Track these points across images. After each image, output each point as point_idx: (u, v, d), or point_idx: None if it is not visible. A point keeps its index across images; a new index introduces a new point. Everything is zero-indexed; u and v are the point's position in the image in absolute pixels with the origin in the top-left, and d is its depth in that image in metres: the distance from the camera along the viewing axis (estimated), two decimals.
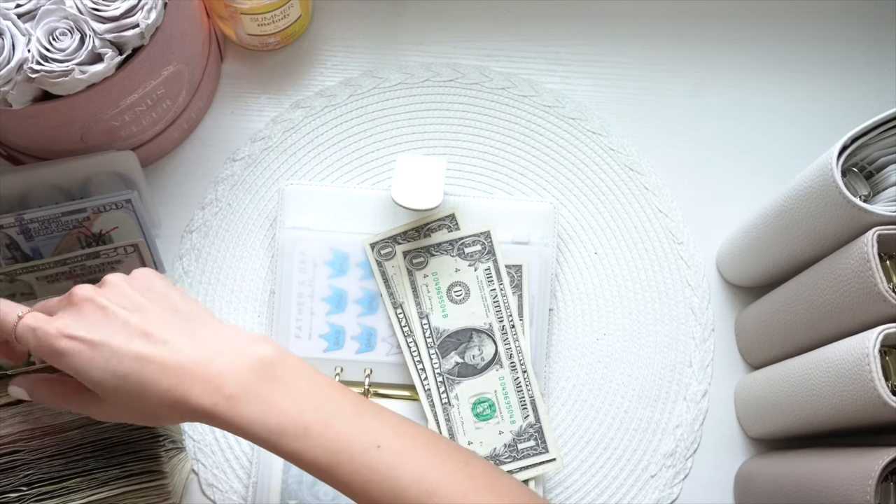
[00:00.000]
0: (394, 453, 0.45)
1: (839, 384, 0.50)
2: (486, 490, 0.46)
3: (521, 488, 0.48)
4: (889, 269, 0.49)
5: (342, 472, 0.45)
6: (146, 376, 0.45)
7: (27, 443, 0.54)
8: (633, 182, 0.69)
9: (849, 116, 0.70)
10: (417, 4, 0.72)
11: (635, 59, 0.72)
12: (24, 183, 0.61)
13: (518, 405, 0.62)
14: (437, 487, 0.45)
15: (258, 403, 0.45)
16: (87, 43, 0.53)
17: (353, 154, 0.69)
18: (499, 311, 0.63)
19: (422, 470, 0.45)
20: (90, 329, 0.46)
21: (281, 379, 0.46)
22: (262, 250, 0.67)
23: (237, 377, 0.46)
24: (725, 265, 0.67)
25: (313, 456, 0.45)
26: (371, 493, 0.45)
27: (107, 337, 0.46)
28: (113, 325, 0.46)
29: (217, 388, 0.45)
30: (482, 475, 0.47)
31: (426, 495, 0.44)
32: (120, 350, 0.45)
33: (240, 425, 0.45)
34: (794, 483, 0.55)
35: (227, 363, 0.46)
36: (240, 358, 0.46)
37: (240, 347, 0.47)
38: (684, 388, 0.66)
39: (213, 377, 0.45)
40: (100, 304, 0.47)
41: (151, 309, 0.48)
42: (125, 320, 0.46)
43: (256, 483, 0.61)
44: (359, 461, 0.45)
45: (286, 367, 0.47)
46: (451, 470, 0.46)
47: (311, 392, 0.47)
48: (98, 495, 0.55)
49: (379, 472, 0.45)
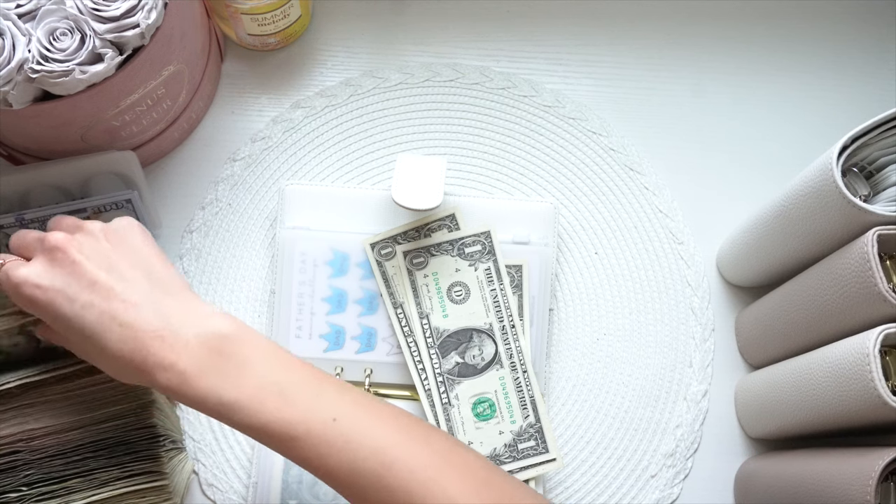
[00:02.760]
0: (351, 426, 0.45)
1: (839, 384, 0.50)
2: (445, 463, 0.46)
3: (481, 461, 0.48)
4: (889, 269, 0.49)
5: (298, 445, 0.45)
6: (108, 339, 0.46)
7: (27, 443, 0.54)
8: (633, 182, 0.69)
9: (849, 116, 0.70)
10: (417, 4, 0.72)
11: (635, 59, 0.72)
12: (24, 183, 0.61)
13: (518, 405, 0.63)
14: (394, 460, 0.45)
15: (213, 377, 0.46)
16: (87, 43, 0.53)
17: (353, 154, 0.69)
18: (499, 311, 0.64)
19: (380, 443, 0.45)
20: (58, 281, 0.47)
21: (238, 354, 0.47)
22: (262, 250, 0.67)
23: (192, 353, 0.46)
24: (725, 265, 0.67)
25: (269, 429, 0.45)
26: (328, 465, 0.45)
27: (74, 293, 0.46)
28: (81, 281, 0.47)
29: (172, 364, 0.46)
30: (441, 448, 0.47)
31: (383, 468, 0.44)
32: (81, 311, 0.46)
33: (195, 399, 0.46)
34: (794, 483, 0.55)
35: (184, 339, 0.46)
36: (197, 332, 0.47)
37: (199, 322, 0.47)
38: (684, 388, 0.66)
39: (169, 352, 0.46)
40: (71, 256, 0.47)
41: (123, 269, 0.48)
42: (94, 278, 0.47)
43: (256, 483, 0.61)
44: (315, 434, 0.45)
45: (244, 342, 0.47)
46: (410, 443, 0.46)
47: (268, 366, 0.47)
48: (98, 495, 0.55)
49: (335, 444, 0.45)
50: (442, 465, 0.45)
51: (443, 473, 0.45)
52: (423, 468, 0.45)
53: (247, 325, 0.48)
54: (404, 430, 0.47)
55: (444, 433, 0.49)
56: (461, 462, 0.46)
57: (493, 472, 0.47)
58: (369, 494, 0.45)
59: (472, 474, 0.46)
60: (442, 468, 0.45)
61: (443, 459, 0.46)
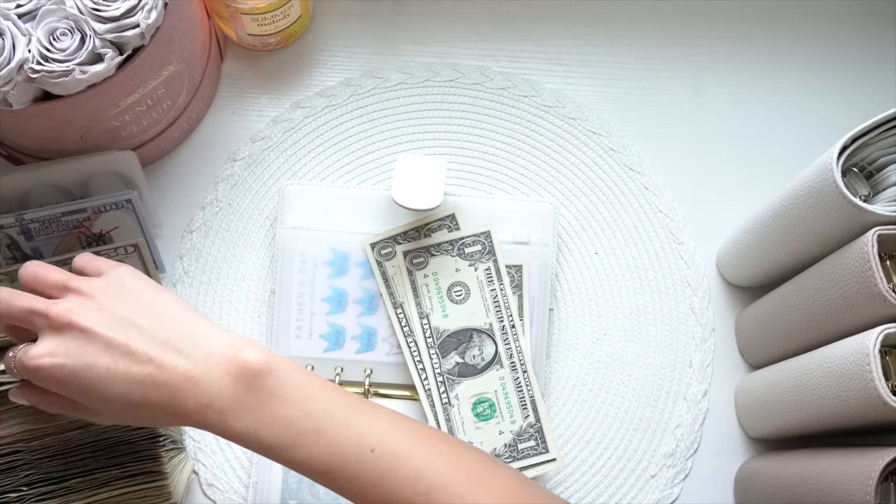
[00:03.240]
0: (387, 456, 0.46)
1: (839, 384, 0.50)
2: (482, 486, 0.46)
3: (517, 479, 0.48)
4: (889, 269, 0.49)
5: (337, 477, 0.45)
6: (136, 398, 0.46)
7: (28, 443, 0.54)
8: (633, 182, 0.69)
9: (849, 116, 0.70)
10: (417, 4, 0.72)
11: (635, 59, 0.72)
12: (24, 183, 0.61)
13: (518, 405, 0.63)
14: (431, 488, 0.45)
15: (248, 416, 0.46)
16: (87, 43, 0.53)
17: (353, 154, 0.69)
18: (499, 311, 0.64)
19: (416, 471, 0.45)
20: (73, 354, 0.46)
21: (270, 388, 0.46)
22: (262, 250, 0.67)
23: (226, 391, 0.46)
24: (725, 265, 0.67)
25: (308, 464, 0.46)
26: (368, 495, 0.45)
27: (90, 361, 0.46)
28: (97, 346, 0.46)
29: (207, 405, 0.45)
30: (478, 470, 0.47)
31: (421, 497, 0.45)
32: (107, 374, 0.46)
33: (233, 437, 0.46)
34: (794, 483, 0.55)
35: (216, 377, 0.46)
36: (228, 369, 0.46)
37: (227, 355, 0.46)
38: (684, 388, 0.66)
39: (203, 393, 0.45)
40: (80, 326, 0.46)
41: (133, 321, 0.47)
42: (108, 341, 0.46)
43: (256, 483, 0.61)
44: (352, 466, 0.45)
45: (275, 374, 0.47)
46: (445, 468, 0.46)
47: (301, 399, 0.46)
48: (98, 495, 0.55)
49: (373, 475, 0.45)
50: (477, 487, 0.46)
51: (479, 497, 0.45)
52: (458, 493, 0.45)
53: (274, 354, 0.48)
54: (438, 453, 0.47)
55: (477, 451, 0.49)
56: (496, 482, 0.47)
57: (528, 488, 0.48)
58: None
59: (508, 494, 0.46)
60: (477, 491, 0.45)
61: (477, 481, 0.46)
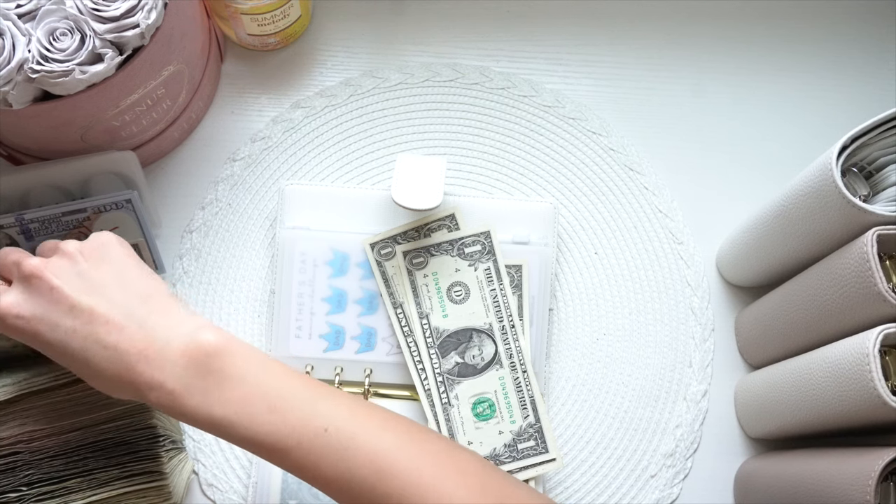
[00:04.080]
0: (344, 435, 0.45)
1: (839, 384, 0.50)
2: (442, 466, 0.45)
3: (479, 462, 0.48)
4: (889, 269, 0.49)
5: (291, 457, 0.45)
6: (95, 362, 0.46)
7: (27, 444, 0.54)
8: (633, 182, 0.69)
9: (849, 116, 0.70)
10: (417, 4, 0.72)
11: (635, 59, 0.72)
12: (24, 183, 0.61)
13: (518, 405, 0.62)
14: (389, 466, 0.45)
15: (201, 396, 0.45)
16: (87, 43, 0.53)
17: (353, 154, 0.69)
18: (499, 311, 0.64)
19: (374, 450, 0.45)
20: (38, 309, 0.46)
21: (225, 369, 0.46)
22: (262, 250, 0.67)
23: (178, 371, 0.46)
24: (725, 265, 0.67)
25: (260, 441, 0.45)
26: (324, 475, 0.45)
27: (55, 319, 0.46)
28: (61, 307, 0.46)
29: (160, 384, 0.46)
30: (437, 451, 0.46)
31: (378, 475, 0.44)
32: (66, 338, 0.46)
33: (187, 417, 0.46)
34: (794, 483, 0.55)
35: (170, 357, 0.46)
36: (183, 349, 0.46)
37: (185, 336, 0.47)
38: (684, 388, 0.66)
39: (156, 372, 0.46)
40: (49, 283, 0.47)
41: (103, 288, 0.47)
42: (73, 302, 0.46)
43: (256, 483, 0.61)
44: (306, 445, 0.45)
45: (231, 355, 0.47)
46: (404, 448, 0.46)
47: (256, 379, 0.46)
48: (98, 495, 0.55)
49: (329, 455, 0.45)
50: (438, 468, 0.45)
51: (439, 477, 0.45)
52: (418, 473, 0.45)
53: (234, 337, 0.48)
54: (399, 435, 0.46)
55: (439, 435, 0.49)
56: (458, 464, 0.46)
57: (491, 472, 0.47)
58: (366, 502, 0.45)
59: (469, 476, 0.46)
60: (438, 472, 0.45)
61: (439, 462, 0.46)
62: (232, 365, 0.46)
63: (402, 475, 0.44)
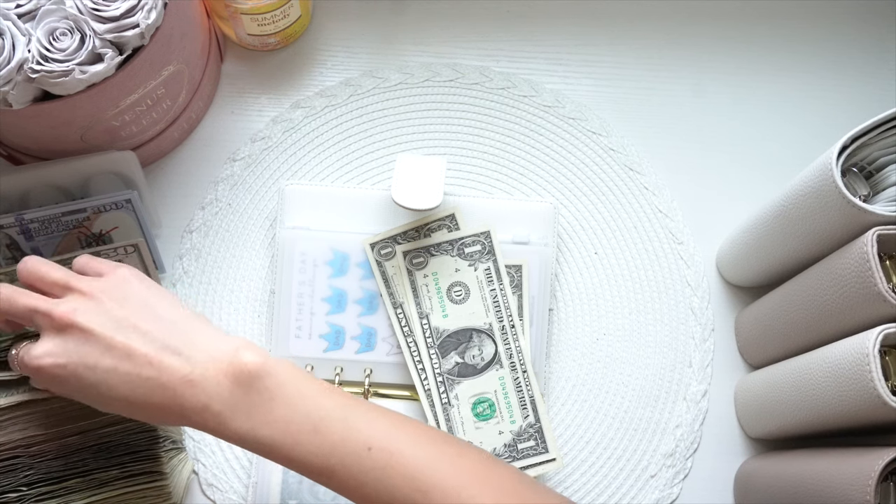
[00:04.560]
0: (385, 454, 0.46)
1: (839, 384, 0.50)
2: (480, 483, 0.46)
3: (517, 477, 0.48)
4: (889, 269, 0.49)
5: (335, 476, 0.46)
6: (137, 394, 0.46)
7: (27, 448, 0.54)
8: (633, 182, 0.69)
9: (849, 116, 0.70)
10: (417, 4, 0.72)
11: (635, 59, 0.72)
12: (24, 183, 0.61)
13: (518, 405, 0.62)
14: (430, 486, 0.45)
15: (246, 418, 0.46)
16: (87, 43, 0.53)
17: (353, 154, 0.69)
18: (499, 311, 0.64)
19: (414, 469, 0.45)
20: (75, 355, 0.47)
21: (267, 389, 0.47)
22: (262, 250, 0.67)
23: (223, 393, 0.46)
24: (725, 265, 0.67)
25: (306, 462, 0.46)
26: (366, 494, 0.46)
27: (91, 363, 0.46)
28: (98, 348, 0.47)
29: (205, 407, 0.46)
30: (476, 467, 0.47)
31: (420, 494, 0.45)
32: (106, 377, 0.46)
33: (233, 439, 0.46)
34: (794, 483, 0.55)
35: (213, 380, 0.46)
36: (225, 371, 0.47)
37: (225, 358, 0.47)
38: (684, 388, 0.66)
39: (201, 395, 0.46)
40: (82, 327, 0.47)
41: (134, 324, 0.48)
42: (109, 343, 0.47)
43: (256, 483, 0.61)
44: (350, 465, 0.45)
45: (272, 376, 0.47)
46: (443, 466, 0.46)
47: (298, 399, 0.47)
48: (98, 496, 0.55)
49: (371, 474, 0.45)
50: (476, 485, 0.46)
51: (477, 496, 0.45)
52: (457, 492, 0.45)
53: (269, 354, 0.48)
54: (436, 451, 0.47)
55: (477, 450, 0.49)
56: (496, 480, 0.47)
57: (529, 487, 0.48)
58: None
59: (507, 492, 0.46)
60: (476, 489, 0.45)
61: (477, 479, 0.46)
62: (276, 385, 0.47)
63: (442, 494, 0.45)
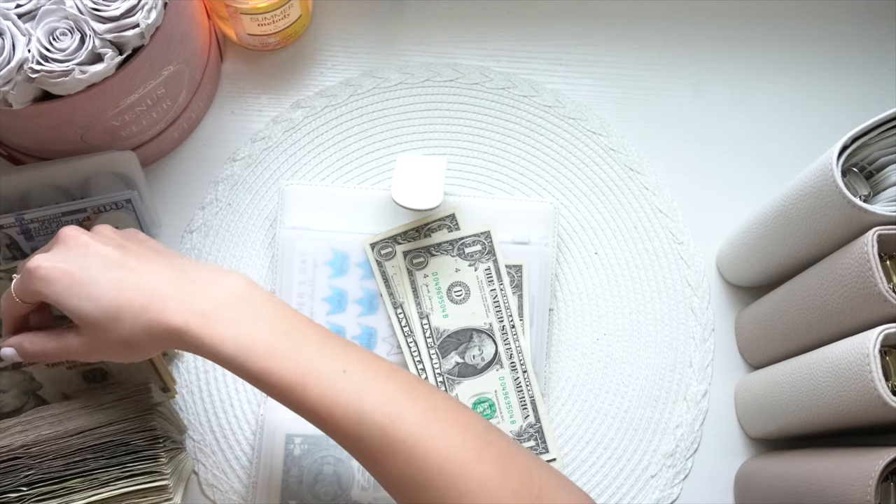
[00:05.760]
0: (360, 378, 0.47)
1: (839, 384, 0.50)
2: (448, 418, 0.47)
3: (484, 423, 0.49)
4: (889, 269, 0.49)
5: (309, 393, 0.46)
6: (121, 297, 0.47)
7: (27, 449, 0.54)
8: (633, 182, 0.69)
9: (849, 116, 0.70)
10: (417, 4, 0.72)
11: (635, 59, 0.72)
12: (24, 183, 0.61)
13: (518, 405, 0.63)
14: (400, 412, 0.46)
15: (229, 322, 0.47)
16: (87, 43, 0.53)
17: (353, 154, 0.69)
18: (499, 311, 0.64)
19: (386, 396, 0.46)
20: (70, 259, 0.48)
21: (252, 305, 0.48)
22: (262, 250, 0.67)
23: (210, 297, 0.48)
24: (725, 265, 0.67)
25: (280, 376, 0.46)
26: (336, 415, 0.46)
27: (86, 265, 0.48)
28: (93, 256, 0.49)
29: (190, 305, 0.47)
30: (444, 405, 0.48)
31: (389, 419, 0.46)
32: (97, 276, 0.48)
33: (211, 343, 0.47)
34: (794, 483, 0.55)
35: (201, 286, 0.48)
36: (214, 284, 0.48)
37: (214, 276, 0.49)
38: (684, 388, 0.66)
39: (187, 295, 0.47)
40: (82, 239, 0.49)
41: (133, 247, 0.50)
42: (105, 253, 0.49)
43: (256, 483, 0.61)
44: (325, 383, 0.46)
45: (257, 296, 0.49)
46: (414, 398, 0.47)
47: (281, 319, 0.48)
48: (99, 495, 0.55)
49: (344, 394, 0.46)
50: (445, 420, 0.47)
51: (445, 428, 0.46)
52: (425, 422, 0.46)
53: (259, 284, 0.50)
54: (407, 385, 0.48)
55: (446, 394, 0.50)
56: (464, 420, 0.48)
57: (495, 432, 0.48)
58: (373, 445, 0.46)
59: (473, 431, 0.47)
60: (444, 423, 0.46)
61: (446, 415, 0.47)
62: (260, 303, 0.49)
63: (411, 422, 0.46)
